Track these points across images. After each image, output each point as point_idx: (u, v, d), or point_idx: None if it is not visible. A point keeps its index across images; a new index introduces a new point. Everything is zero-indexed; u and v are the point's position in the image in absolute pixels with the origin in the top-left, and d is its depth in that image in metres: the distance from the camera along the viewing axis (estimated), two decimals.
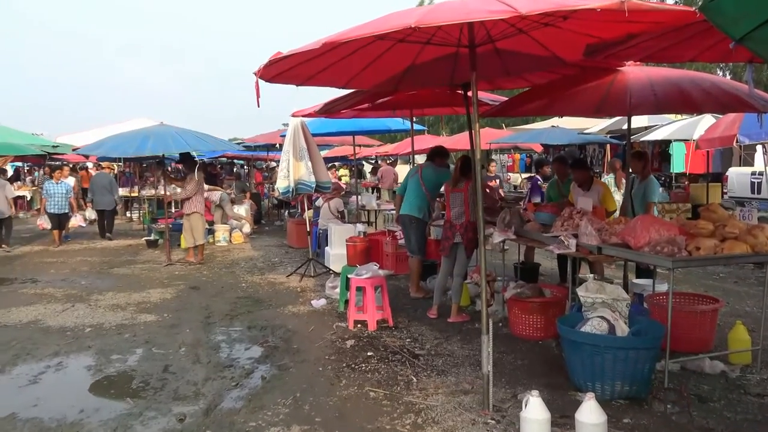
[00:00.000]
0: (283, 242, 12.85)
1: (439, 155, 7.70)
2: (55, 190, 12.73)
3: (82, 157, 20.67)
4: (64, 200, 12.76)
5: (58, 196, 12.65)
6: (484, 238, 4.53)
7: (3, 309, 7.26)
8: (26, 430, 4.04)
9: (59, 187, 12.82)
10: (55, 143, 17.60)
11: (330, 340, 5.94)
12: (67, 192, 12.93)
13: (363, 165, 28.21)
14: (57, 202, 12.64)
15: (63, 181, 13.19)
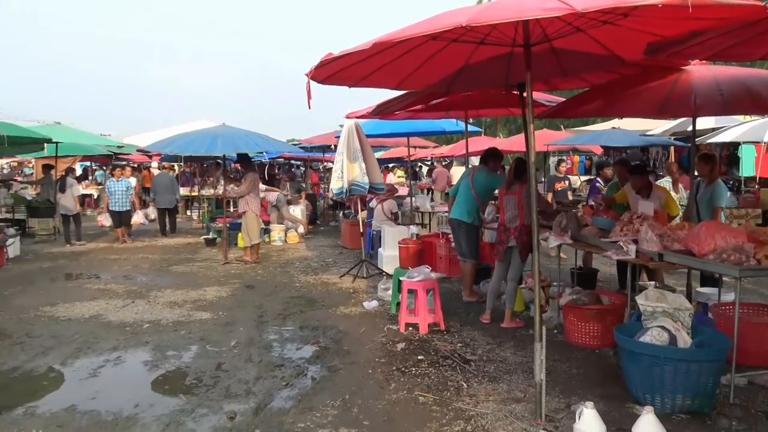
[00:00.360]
0: (337, 243, 12.92)
1: (492, 157, 7.55)
2: (116, 188, 13.06)
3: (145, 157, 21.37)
4: (125, 198, 13.05)
5: (118, 193, 12.97)
6: (538, 242, 4.39)
7: (68, 303, 7.53)
8: (84, 422, 4.15)
9: (120, 184, 13.13)
10: (120, 143, 18.26)
11: (380, 342, 5.91)
12: (128, 189, 13.22)
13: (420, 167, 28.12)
14: (118, 199, 12.97)
15: (124, 179, 13.52)
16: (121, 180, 13.34)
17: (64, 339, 6.06)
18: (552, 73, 5.56)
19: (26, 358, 5.47)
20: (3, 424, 4.07)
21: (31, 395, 4.65)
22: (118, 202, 13.02)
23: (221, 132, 10.59)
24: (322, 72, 4.22)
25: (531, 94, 4.05)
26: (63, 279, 9.26)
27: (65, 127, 15.65)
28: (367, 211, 11.72)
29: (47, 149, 14.29)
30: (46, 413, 4.28)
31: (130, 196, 13.36)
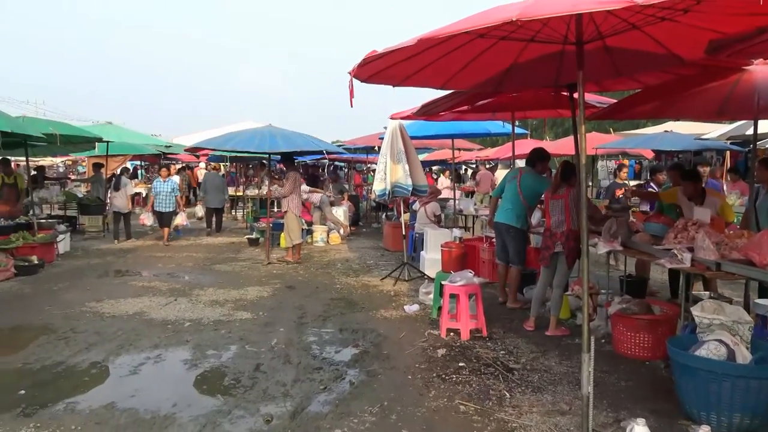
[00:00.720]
0: (379, 245, 12.84)
1: (540, 159, 7.31)
2: (161, 188, 12.98)
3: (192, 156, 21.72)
4: (169, 198, 12.96)
5: (163, 194, 12.89)
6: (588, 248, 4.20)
7: (113, 300, 7.63)
8: (123, 419, 4.15)
9: (165, 185, 13.03)
10: (168, 143, 18.59)
11: (421, 347, 5.79)
12: (173, 190, 13.12)
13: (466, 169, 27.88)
14: (162, 199, 12.90)
15: (170, 179, 13.46)
16: (168, 181, 13.27)
17: (107, 335, 6.13)
18: (604, 73, 5.34)
19: (70, 354, 5.54)
20: (43, 419, 4.10)
21: (72, 391, 4.69)
22: (162, 202, 12.95)
23: (270, 132, 10.62)
24: (365, 70, 4.13)
25: (582, 94, 3.87)
26: (109, 276, 9.42)
27: (116, 127, 15.99)
28: (409, 213, 11.61)
29: (98, 148, 14.64)
30: (85, 410, 4.30)
31: (176, 197, 13.27)
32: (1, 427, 3.98)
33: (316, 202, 13.82)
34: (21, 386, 4.72)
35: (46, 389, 4.71)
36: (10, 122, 9.37)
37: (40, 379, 4.91)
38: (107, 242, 13.08)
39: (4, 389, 4.68)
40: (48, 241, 10.52)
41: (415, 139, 10.17)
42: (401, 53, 3.76)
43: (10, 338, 6.16)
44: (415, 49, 3.67)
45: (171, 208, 13.10)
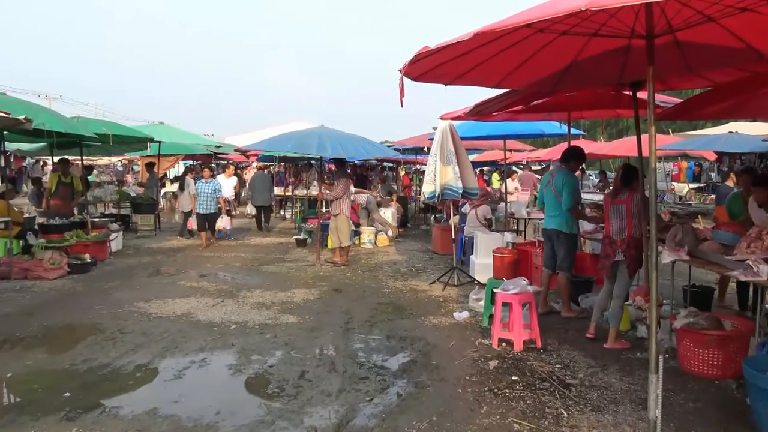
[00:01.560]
0: (427, 247, 12.62)
1: (575, 158, 7.03)
2: (202, 189, 12.48)
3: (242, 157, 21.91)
4: (210, 200, 12.43)
5: (204, 195, 12.39)
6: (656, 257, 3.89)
7: (161, 300, 7.64)
8: (165, 426, 4.05)
9: (207, 186, 12.50)
10: (218, 143, 18.77)
11: (471, 358, 5.54)
12: (214, 191, 12.54)
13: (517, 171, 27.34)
14: (203, 201, 12.39)
15: (213, 181, 12.88)
16: (210, 182, 12.70)
17: (154, 337, 6.09)
18: (673, 69, 4.99)
19: (116, 355, 5.51)
20: (86, 424, 4.04)
21: (116, 394, 4.64)
22: (203, 204, 12.42)
23: (321, 133, 10.52)
24: (416, 68, 3.92)
25: (653, 91, 3.57)
26: (159, 275, 9.47)
27: (168, 127, 16.24)
28: (459, 215, 11.34)
29: (151, 148, 14.85)
30: (128, 415, 4.22)
31: (218, 199, 12.72)
32: (45, 431, 3.93)
33: (362, 203, 13.69)
34: (67, 388, 4.70)
35: (90, 392, 4.66)
36: (65, 123, 9.52)
37: (86, 381, 4.88)
38: (159, 241, 13.25)
39: (51, 390, 4.66)
40: (101, 240, 10.68)
41: (466, 140, 9.90)
42: (455, 49, 3.54)
43: (60, 337, 6.19)
44: (469, 45, 3.44)
45: (213, 210, 12.62)
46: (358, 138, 11.10)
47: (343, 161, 11.14)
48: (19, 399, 4.67)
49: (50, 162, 19.05)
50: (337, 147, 10.17)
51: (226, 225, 13.70)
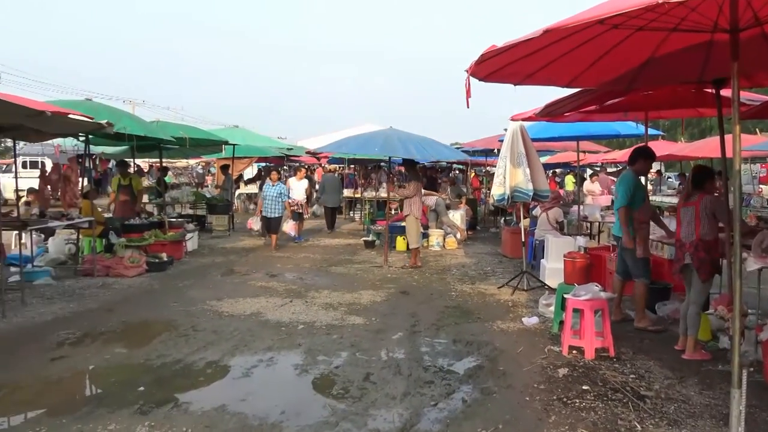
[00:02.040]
0: (496, 250, 12.42)
1: (643, 157, 6.65)
2: (268, 192, 12.40)
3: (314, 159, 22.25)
4: (276, 203, 12.33)
5: (270, 198, 12.31)
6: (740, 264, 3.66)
7: (232, 299, 7.82)
8: (231, 424, 4.12)
9: (273, 189, 12.40)
10: (290, 146, 19.14)
11: (540, 365, 5.39)
12: (280, 195, 12.39)
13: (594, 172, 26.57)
14: (268, 204, 12.30)
15: (280, 183, 12.82)
16: (277, 185, 12.58)
17: (224, 335, 6.24)
18: (760, 65, 4.69)
19: (188, 352, 5.67)
20: (158, 419, 4.16)
21: (187, 390, 4.77)
22: (268, 207, 12.33)
23: (390, 135, 10.55)
24: (483, 68, 3.84)
25: (737, 88, 3.35)
26: (231, 274, 9.72)
27: (242, 130, 16.68)
28: (530, 218, 11.10)
29: (225, 151, 15.29)
30: (197, 411, 4.32)
31: (284, 203, 12.57)
32: (119, 423, 4.07)
33: (431, 205, 13.60)
34: (141, 382, 4.86)
35: (163, 387, 4.81)
36: (145, 127, 9.93)
37: (159, 376, 5.04)
38: (232, 241, 13.63)
39: (126, 385, 4.83)
40: (177, 240, 11.07)
41: (537, 141, 9.69)
42: (524, 48, 3.44)
43: (137, 333, 6.44)
44: (539, 43, 3.34)
45: (278, 214, 12.46)
46: (426, 139, 11.06)
47: (414, 163, 11.11)
48: (98, 391, 4.89)
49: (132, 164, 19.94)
50: (406, 148, 10.17)
51: (290, 230, 13.31)
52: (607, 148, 21.24)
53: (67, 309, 7.24)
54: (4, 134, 7.99)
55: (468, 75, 3.69)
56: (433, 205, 13.60)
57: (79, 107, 8.69)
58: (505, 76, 4.37)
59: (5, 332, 6.27)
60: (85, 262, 9.70)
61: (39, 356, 5.49)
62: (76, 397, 4.76)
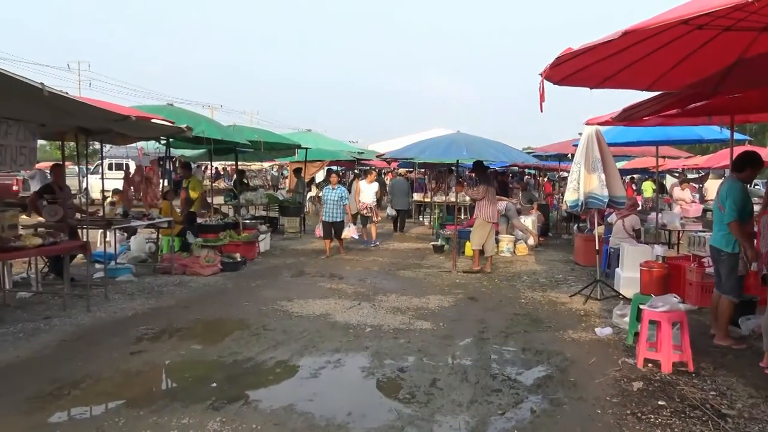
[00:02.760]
0: (569, 258, 12.12)
1: (750, 164, 6.01)
2: (328, 196, 12.02)
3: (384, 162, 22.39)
4: (336, 208, 11.90)
5: (330, 203, 11.91)
6: None
7: (302, 300, 7.95)
8: (299, 423, 4.18)
9: (334, 193, 11.97)
10: (361, 149, 19.32)
11: (613, 377, 5.21)
12: (340, 199, 11.94)
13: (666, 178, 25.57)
14: (329, 209, 11.92)
15: (340, 187, 12.31)
16: (337, 188, 12.09)
17: (294, 335, 6.34)
18: None
19: (259, 350, 5.80)
20: (229, 415, 4.27)
21: (257, 388, 4.89)
22: (328, 211, 11.92)
23: (458, 139, 10.50)
24: (558, 71, 3.76)
25: None
26: (301, 275, 9.89)
27: (314, 134, 16.96)
28: (604, 225, 10.76)
29: (298, 154, 15.59)
30: (266, 409, 4.41)
31: (345, 207, 12.13)
32: (192, 418, 4.20)
33: (501, 210, 13.39)
34: (213, 379, 5.01)
35: (234, 384, 4.93)
36: (222, 130, 10.25)
37: (231, 374, 5.18)
38: (303, 243, 13.87)
39: (199, 381, 4.99)
40: (251, 240, 11.36)
41: (614, 146, 9.40)
42: (602, 50, 3.34)
43: (210, 330, 6.65)
44: (618, 45, 3.24)
45: (339, 218, 11.99)
46: (495, 143, 10.93)
47: (483, 167, 10.99)
48: (173, 385, 5.09)
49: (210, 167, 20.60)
50: (473, 152, 10.07)
51: (353, 234, 13.07)
52: (689, 154, 20.37)
53: (147, 305, 7.56)
54: (93, 137, 8.42)
55: (542, 79, 3.61)
56: (503, 210, 13.42)
57: (161, 112, 9.08)
58: (582, 80, 4.26)
59: (90, 326, 6.60)
60: (163, 261, 10.10)
61: (120, 349, 5.75)
62: (152, 390, 4.95)
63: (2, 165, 6.28)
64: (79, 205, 10.49)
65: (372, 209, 13.99)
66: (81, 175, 15.35)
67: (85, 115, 6.65)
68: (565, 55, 3.30)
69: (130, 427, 4.06)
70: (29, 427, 4.06)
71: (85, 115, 6.59)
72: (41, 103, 5.45)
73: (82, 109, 6.29)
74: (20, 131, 6.29)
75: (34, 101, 5.37)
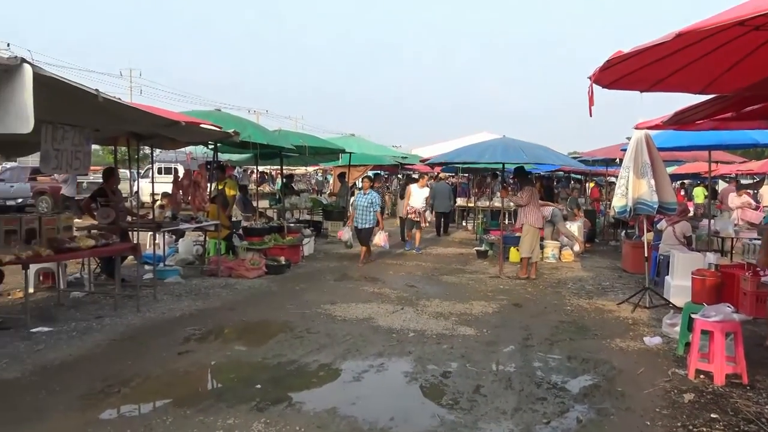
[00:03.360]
0: (616, 265, 11.86)
1: None
2: (359, 201, 11.62)
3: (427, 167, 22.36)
4: (366, 213, 11.42)
5: (360, 208, 11.48)
6: None
7: (345, 304, 7.99)
8: (342, 426, 4.20)
9: (365, 198, 11.57)
10: (405, 154, 19.33)
11: (663, 388, 5.07)
12: (371, 204, 11.46)
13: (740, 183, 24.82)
14: (359, 214, 11.48)
15: (372, 192, 11.89)
16: (369, 193, 11.66)
17: (337, 338, 6.37)
18: None
19: (303, 353, 5.84)
20: (273, 416, 4.31)
21: (301, 390, 4.92)
22: (358, 217, 11.48)
23: (500, 143, 10.43)
24: (608, 75, 3.68)
25: None
26: (344, 279, 9.94)
27: (358, 139, 17.05)
28: (654, 232, 10.50)
29: (342, 159, 15.69)
30: (310, 411, 4.44)
31: (376, 213, 11.53)
32: (237, 418, 4.26)
33: (547, 215, 13.20)
34: (258, 380, 5.07)
35: (278, 386, 4.99)
36: (267, 135, 10.40)
37: (275, 375, 5.23)
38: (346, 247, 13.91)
39: (245, 382, 5.06)
40: (295, 244, 11.47)
41: (664, 150, 9.15)
42: (653, 53, 3.26)
43: (255, 332, 6.74)
44: (670, 48, 3.16)
45: (370, 224, 11.45)
46: (540, 147, 10.79)
47: (525, 172, 10.86)
48: (218, 386, 5.17)
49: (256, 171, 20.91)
50: (517, 156, 9.97)
51: (383, 243, 11.95)
52: (743, 158, 19.71)
53: (194, 306, 7.71)
54: (144, 142, 8.65)
55: (591, 82, 3.55)
56: (549, 216, 13.22)
57: (209, 117, 9.26)
58: (632, 83, 4.17)
59: (139, 326, 6.76)
60: (210, 263, 10.29)
61: (168, 349, 5.88)
62: (199, 390, 5.05)
63: (59, 169, 6.50)
64: (130, 208, 10.80)
65: (420, 214, 13.65)
66: (132, 179, 15.77)
67: (137, 120, 6.83)
68: (616, 58, 3.24)
69: (178, 425, 4.14)
70: (83, 423, 4.18)
71: (137, 120, 6.77)
72: (96, 109, 5.62)
73: (135, 115, 6.47)
74: (75, 136, 6.50)
75: (89, 107, 5.54)
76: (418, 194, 13.80)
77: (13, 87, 4.09)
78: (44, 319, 6.84)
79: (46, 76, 4.41)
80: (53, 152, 6.18)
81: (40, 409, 4.39)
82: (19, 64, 4.11)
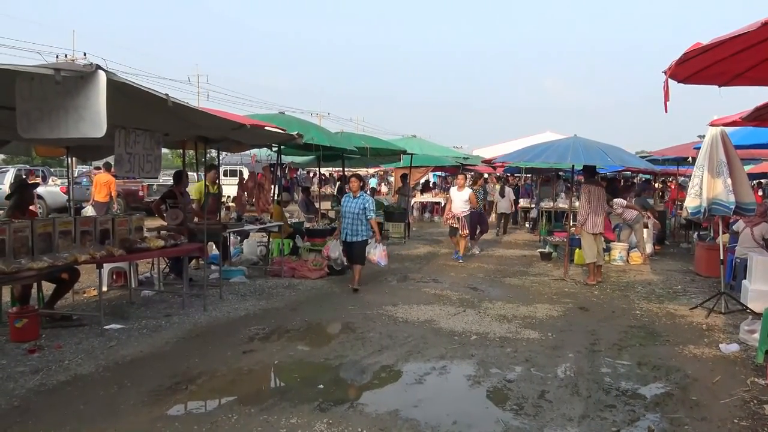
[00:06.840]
0: (688, 268, 11.39)
1: None
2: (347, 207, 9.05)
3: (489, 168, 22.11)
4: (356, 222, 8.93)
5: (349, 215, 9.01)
6: None
7: (407, 305, 7.95)
8: (404, 429, 4.15)
9: (354, 203, 8.98)
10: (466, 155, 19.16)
11: (741, 399, 4.80)
12: (363, 210, 8.88)
13: None
14: (347, 223, 9.01)
15: (363, 195, 9.03)
16: (360, 196, 9.07)
17: (399, 340, 6.34)
18: None
19: (364, 354, 5.84)
20: (335, 417, 4.32)
21: (363, 392, 4.92)
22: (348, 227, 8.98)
23: (570, 143, 10.14)
24: (684, 69, 3.51)
25: None
26: (406, 281, 9.91)
27: (420, 140, 16.99)
28: (729, 234, 10.02)
29: (403, 160, 15.68)
30: (372, 413, 4.42)
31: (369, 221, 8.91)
32: (300, 418, 4.28)
33: (629, 219, 12.70)
34: (320, 380, 5.09)
35: (340, 386, 5.01)
36: (330, 137, 10.49)
37: (337, 376, 5.25)
38: (407, 248, 13.92)
39: (308, 382, 5.09)
40: None
41: (741, 148, 8.73)
42: (735, 44, 3.09)
43: (318, 333, 6.78)
44: (755, 38, 2.98)
45: (361, 237, 9.02)
46: (610, 147, 10.43)
47: (591, 172, 10.53)
48: (281, 385, 5.23)
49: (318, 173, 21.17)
50: (601, 158, 9.67)
51: (379, 259, 9.23)
52: None
53: (258, 306, 7.83)
54: (211, 146, 8.86)
55: (666, 77, 3.39)
56: (630, 220, 12.68)
57: (274, 120, 9.41)
58: (710, 77, 3.96)
59: (206, 324, 6.92)
60: (274, 264, 10.45)
61: (233, 348, 5.98)
62: (263, 388, 5.12)
63: (131, 172, 6.73)
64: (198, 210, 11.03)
65: (460, 220, 12.15)
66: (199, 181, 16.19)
67: (205, 124, 6.99)
68: (693, 50, 3.07)
69: (242, 423, 4.20)
70: (152, 418, 4.29)
71: (205, 123, 6.93)
72: (166, 113, 5.79)
73: (203, 118, 6.62)
74: (146, 140, 6.71)
75: (160, 111, 5.70)
76: (458, 198, 12.41)
77: (88, 93, 4.24)
78: (117, 316, 7.10)
79: (119, 81, 4.55)
80: (126, 156, 6.39)
81: (112, 404, 4.53)
82: (94, 71, 4.25)
